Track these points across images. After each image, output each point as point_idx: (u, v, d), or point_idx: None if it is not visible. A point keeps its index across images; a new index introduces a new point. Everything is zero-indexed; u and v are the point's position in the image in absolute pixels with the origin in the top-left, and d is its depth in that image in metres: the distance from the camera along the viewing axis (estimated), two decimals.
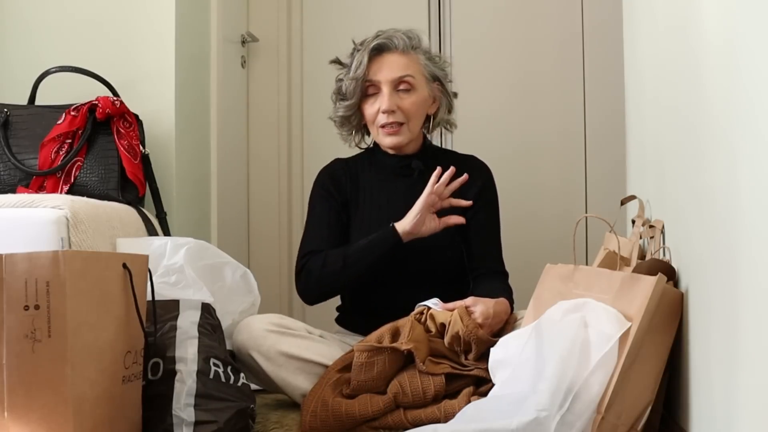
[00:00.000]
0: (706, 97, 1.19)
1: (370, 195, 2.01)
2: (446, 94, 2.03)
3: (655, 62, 1.74)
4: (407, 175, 2.01)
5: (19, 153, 2.00)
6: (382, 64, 1.95)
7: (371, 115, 1.97)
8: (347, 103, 1.97)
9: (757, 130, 0.92)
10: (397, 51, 1.96)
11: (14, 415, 1.26)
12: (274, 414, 1.75)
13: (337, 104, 2.02)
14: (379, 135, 1.98)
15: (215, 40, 2.56)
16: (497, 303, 1.77)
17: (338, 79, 2.02)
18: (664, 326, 1.38)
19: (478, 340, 1.68)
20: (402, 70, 1.94)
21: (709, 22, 1.19)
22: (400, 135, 1.96)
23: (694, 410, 1.30)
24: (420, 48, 1.99)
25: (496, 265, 1.99)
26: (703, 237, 1.23)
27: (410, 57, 1.97)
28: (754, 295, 0.95)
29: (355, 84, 1.94)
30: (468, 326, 1.68)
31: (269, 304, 2.65)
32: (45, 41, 2.29)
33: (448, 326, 1.70)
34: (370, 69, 1.93)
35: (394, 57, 1.96)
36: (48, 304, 1.27)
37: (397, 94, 1.94)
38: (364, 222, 1.98)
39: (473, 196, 1.98)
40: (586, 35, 2.92)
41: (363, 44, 1.97)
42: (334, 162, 2.09)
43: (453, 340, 1.69)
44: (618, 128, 2.52)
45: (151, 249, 1.67)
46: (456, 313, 1.70)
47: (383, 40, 1.95)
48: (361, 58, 1.93)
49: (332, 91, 2.04)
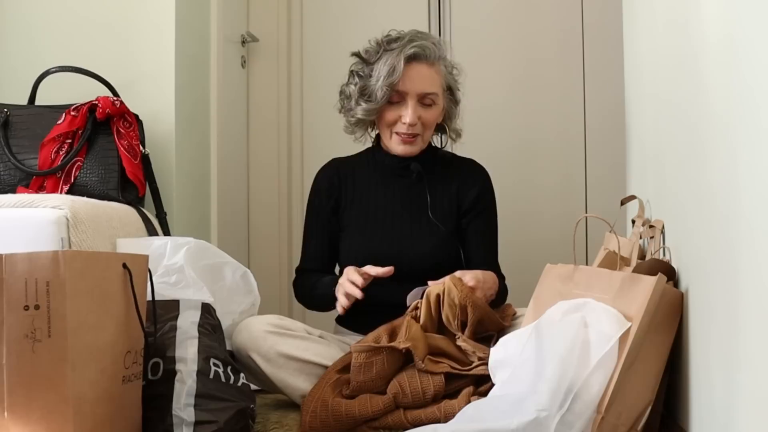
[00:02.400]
0: (707, 96, 1.19)
1: (367, 194, 2.03)
2: (455, 103, 2.04)
3: (655, 60, 1.74)
4: (405, 176, 2.02)
5: (19, 153, 2.00)
6: (412, 74, 1.92)
7: (390, 120, 1.96)
8: (371, 107, 1.94)
9: (757, 129, 0.92)
10: (428, 61, 1.94)
11: (14, 415, 1.26)
12: (274, 414, 1.75)
13: (356, 102, 1.97)
14: (392, 140, 1.99)
15: (215, 40, 2.56)
16: (484, 272, 1.83)
17: (357, 73, 1.97)
18: (664, 326, 1.38)
19: (473, 304, 1.70)
20: (429, 86, 1.94)
21: (709, 19, 1.19)
22: (414, 145, 1.98)
23: (694, 410, 1.30)
24: (444, 58, 1.99)
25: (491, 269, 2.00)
26: (704, 237, 1.23)
27: (436, 69, 1.96)
28: (754, 295, 0.95)
29: (388, 90, 1.91)
30: (462, 291, 1.71)
31: (269, 305, 2.65)
32: (45, 41, 2.29)
33: (443, 296, 1.71)
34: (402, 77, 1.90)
35: (423, 69, 1.93)
36: (48, 304, 1.26)
37: (420, 106, 1.94)
38: (360, 220, 2.01)
39: (471, 202, 2.00)
40: (585, 34, 2.92)
41: (392, 45, 1.93)
42: (331, 162, 2.11)
43: (449, 309, 1.70)
44: (618, 128, 2.52)
45: (151, 249, 1.68)
46: (448, 281, 1.73)
47: (418, 49, 1.91)
48: (395, 63, 1.89)
49: (347, 83, 2.00)
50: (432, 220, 1.98)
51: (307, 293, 2.05)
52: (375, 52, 1.95)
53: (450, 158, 2.10)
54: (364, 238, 1.99)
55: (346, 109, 2.02)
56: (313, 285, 2.02)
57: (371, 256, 1.95)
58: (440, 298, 1.72)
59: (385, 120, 1.97)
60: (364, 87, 1.95)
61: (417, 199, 2.01)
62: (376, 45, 1.97)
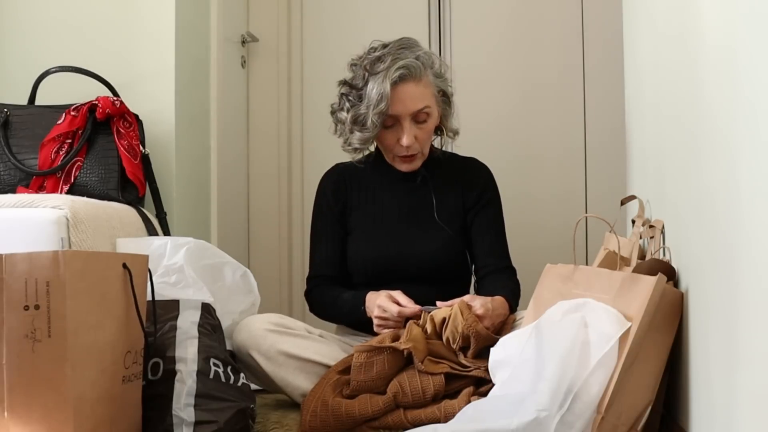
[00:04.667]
0: (706, 95, 1.19)
1: (372, 197, 2.03)
2: (449, 103, 2.01)
3: (655, 62, 1.74)
4: (410, 179, 2.02)
5: (19, 153, 2.00)
6: (402, 96, 1.89)
7: (389, 144, 1.96)
8: (366, 136, 1.92)
9: (756, 128, 0.92)
10: (414, 79, 1.90)
11: (14, 415, 1.26)
12: (274, 414, 1.75)
13: (350, 131, 1.94)
14: (395, 160, 1.99)
15: (215, 40, 2.56)
16: (494, 300, 1.78)
17: (348, 98, 1.94)
18: (664, 326, 1.38)
19: (477, 335, 1.68)
20: (420, 102, 1.91)
21: (708, 18, 1.19)
22: (415, 162, 1.99)
23: (694, 410, 1.30)
24: (430, 68, 1.94)
25: (501, 261, 2.00)
26: (703, 237, 1.23)
27: (425, 82, 1.92)
28: (754, 295, 0.95)
29: (379, 118, 1.88)
30: (467, 320, 1.68)
31: (269, 304, 2.65)
32: (45, 41, 2.29)
33: (447, 320, 1.70)
34: (390, 101, 1.87)
35: (411, 88, 1.90)
36: (48, 304, 1.26)
37: (415, 125, 1.93)
38: (367, 223, 2.01)
39: (475, 199, 2.01)
40: (586, 37, 2.91)
41: (376, 68, 1.88)
42: (335, 167, 2.10)
43: (451, 335, 1.69)
44: (618, 128, 2.52)
45: (151, 249, 1.68)
46: (456, 307, 1.71)
47: (404, 71, 1.88)
48: (383, 90, 1.86)
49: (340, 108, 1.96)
50: (438, 222, 1.98)
51: (327, 310, 2.01)
52: (361, 78, 1.92)
53: (452, 158, 2.10)
54: (371, 242, 1.99)
55: (343, 135, 1.98)
56: (333, 303, 1.97)
57: (378, 259, 1.95)
58: (445, 322, 1.72)
59: (384, 144, 1.98)
60: (356, 116, 1.92)
61: (422, 201, 2.01)
62: (361, 69, 1.92)
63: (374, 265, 1.96)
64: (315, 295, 2.03)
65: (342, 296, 1.95)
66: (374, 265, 1.96)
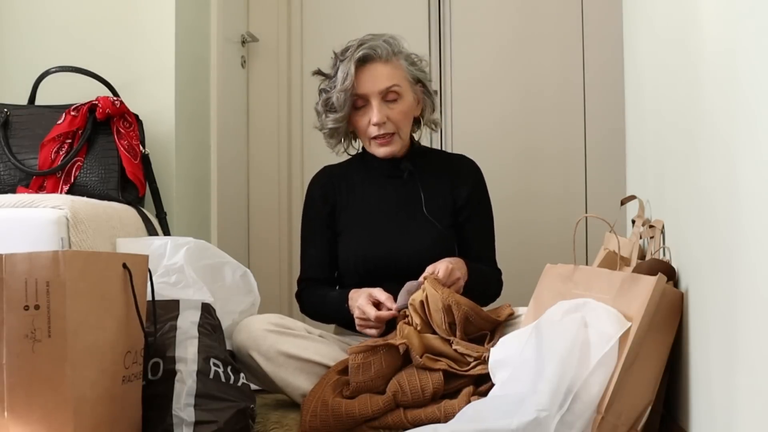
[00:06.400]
0: (706, 96, 1.19)
1: (361, 197, 2.04)
2: (429, 95, 2.05)
3: (655, 63, 1.74)
4: (397, 176, 2.03)
5: (19, 153, 2.00)
6: (368, 75, 1.94)
7: (362, 127, 1.98)
8: (337, 116, 1.96)
9: (756, 128, 0.92)
10: (381, 60, 1.95)
11: (14, 415, 1.26)
12: (274, 414, 1.75)
13: (324, 116, 2.00)
14: (371, 146, 2.00)
15: (215, 40, 2.56)
16: (450, 260, 1.86)
17: (323, 89, 2.01)
18: (664, 326, 1.38)
19: (456, 303, 1.71)
20: (388, 80, 1.95)
21: (708, 18, 1.19)
22: (392, 145, 1.99)
23: (694, 410, 1.30)
24: (401, 53, 2.00)
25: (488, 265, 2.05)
26: (703, 237, 1.23)
27: (394, 64, 1.97)
28: (753, 295, 0.95)
29: (345, 96, 1.93)
30: (443, 292, 1.72)
31: (269, 305, 2.65)
32: (45, 41, 2.29)
33: (426, 302, 1.73)
34: (357, 81, 1.93)
35: (378, 67, 1.95)
36: (48, 304, 1.27)
37: (386, 104, 1.95)
38: (356, 222, 2.02)
39: (465, 197, 2.02)
40: (586, 38, 2.91)
41: (345, 54, 1.96)
42: (322, 170, 2.13)
43: (435, 314, 1.71)
44: (618, 128, 2.52)
45: (151, 249, 1.68)
46: (426, 285, 1.75)
47: (367, 50, 1.94)
48: (347, 69, 1.92)
49: (317, 102, 2.02)
50: (427, 217, 1.98)
51: (316, 310, 2.04)
52: (333, 66, 1.98)
53: (439, 153, 2.14)
54: (361, 240, 1.99)
55: (320, 126, 2.04)
56: (322, 302, 2.01)
57: (369, 256, 1.96)
58: (424, 305, 1.73)
59: (359, 128, 2.00)
60: (327, 99, 1.97)
61: (410, 197, 2.02)
62: (333, 59, 1.99)
63: (365, 264, 1.97)
64: (304, 296, 2.07)
65: (329, 295, 1.99)
66: (365, 265, 1.97)
